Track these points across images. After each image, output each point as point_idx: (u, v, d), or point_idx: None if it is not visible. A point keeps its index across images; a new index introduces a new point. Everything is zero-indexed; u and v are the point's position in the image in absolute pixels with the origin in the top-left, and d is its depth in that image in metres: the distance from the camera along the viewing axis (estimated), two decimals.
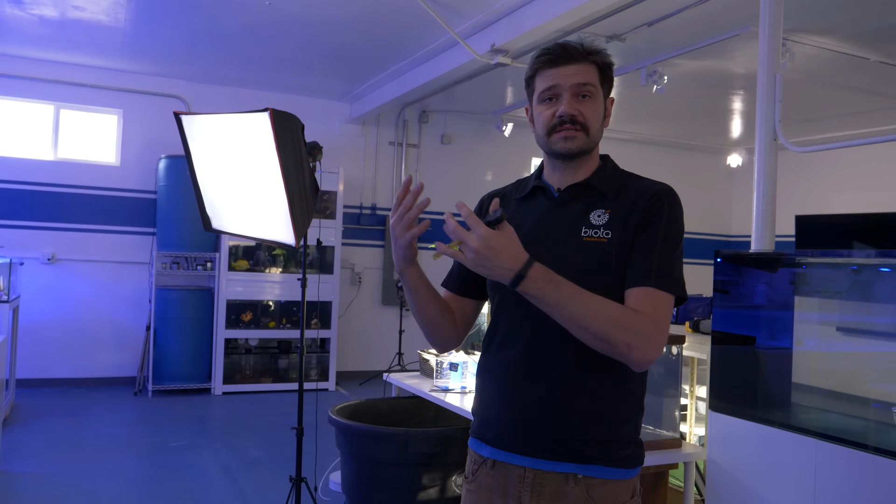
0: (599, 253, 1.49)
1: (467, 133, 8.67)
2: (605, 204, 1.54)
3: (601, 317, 1.37)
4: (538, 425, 1.49)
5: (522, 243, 1.45)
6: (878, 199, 8.25)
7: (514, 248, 1.34)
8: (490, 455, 1.57)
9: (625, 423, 1.53)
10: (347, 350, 7.99)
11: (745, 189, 10.09)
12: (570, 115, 1.51)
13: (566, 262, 1.48)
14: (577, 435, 1.48)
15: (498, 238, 1.32)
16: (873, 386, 4.17)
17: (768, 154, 3.27)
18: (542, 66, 1.55)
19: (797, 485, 2.61)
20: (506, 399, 1.54)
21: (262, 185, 3.21)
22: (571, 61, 1.53)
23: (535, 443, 1.50)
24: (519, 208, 1.64)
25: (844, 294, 3.65)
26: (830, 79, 6.20)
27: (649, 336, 1.40)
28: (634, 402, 1.55)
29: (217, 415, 6.47)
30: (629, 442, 1.53)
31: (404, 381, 4.09)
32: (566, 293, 1.36)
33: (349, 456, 3.58)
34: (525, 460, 1.51)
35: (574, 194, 1.58)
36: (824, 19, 4.87)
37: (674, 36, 5.30)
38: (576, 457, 1.48)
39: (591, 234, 1.51)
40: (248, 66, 6.78)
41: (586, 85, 1.52)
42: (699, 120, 8.41)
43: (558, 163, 1.59)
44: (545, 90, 1.55)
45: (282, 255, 7.44)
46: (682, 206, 1.55)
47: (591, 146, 1.56)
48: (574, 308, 1.36)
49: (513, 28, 4.96)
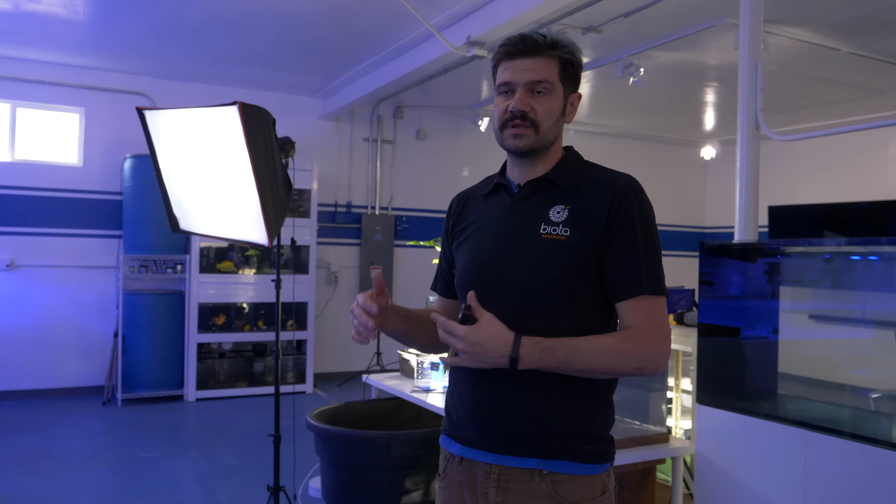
0: (558, 250, 1.48)
1: (443, 128, 8.57)
2: (565, 199, 1.52)
3: (603, 360, 1.42)
4: (502, 422, 1.50)
5: (484, 242, 1.57)
6: (845, 188, 8.33)
7: (497, 336, 1.38)
8: (458, 452, 1.58)
9: (592, 419, 1.52)
10: (324, 351, 7.86)
11: (719, 181, 10.14)
12: (520, 111, 1.50)
13: (523, 260, 1.50)
14: (541, 430, 1.49)
15: (476, 332, 1.37)
16: (855, 373, 4.17)
17: (750, 143, 3.23)
18: (502, 57, 1.54)
19: (787, 476, 2.56)
20: (471, 397, 1.55)
21: (232, 183, 3.09)
22: (530, 55, 1.51)
23: (499, 439, 1.50)
24: (484, 205, 1.64)
25: (828, 283, 3.62)
26: (802, 70, 6.21)
27: (653, 352, 1.44)
28: (601, 397, 1.54)
29: (190, 422, 6.31)
30: (597, 437, 1.52)
31: (384, 382, 3.99)
32: (563, 355, 1.40)
33: (329, 461, 3.47)
34: (491, 457, 1.52)
35: (533, 189, 1.56)
36: (797, 10, 4.85)
37: (650, 28, 5.25)
38: (540, 452, 1.48)
39: (550, 230, 1.50)
40: (216, 61, 6.61)
41: (541, 82, 1.50)
42: (673, 112, 8.40)
43: (516, 159, 1.58)
44: (501, 84, 1.54)
45: (255, 255, 7.29)
46: (648, 196, 1.53)
47: (543, 143, 1.54)
48: (576, 364, 1.41)
49: (488, 20, 4.88)
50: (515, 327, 1.42)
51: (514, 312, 1.46)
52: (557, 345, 1.39)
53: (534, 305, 1.48)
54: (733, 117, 8.21)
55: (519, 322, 1.43)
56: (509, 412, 1.49)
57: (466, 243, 1.63)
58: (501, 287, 1.51)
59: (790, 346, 3.05)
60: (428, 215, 8.42)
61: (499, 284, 1.51)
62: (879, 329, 4.43)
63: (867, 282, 4.00)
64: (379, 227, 8.15)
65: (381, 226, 8.16)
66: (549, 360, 1.39)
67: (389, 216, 8.25)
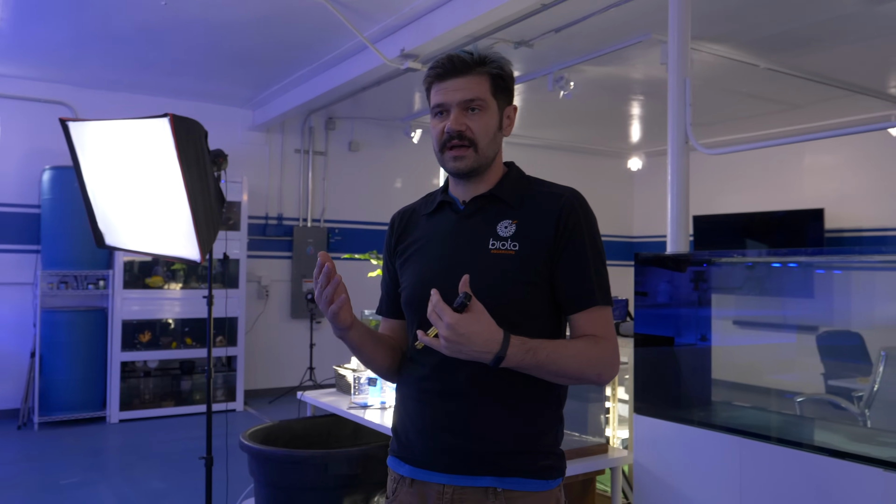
0: (507, 265, 1.48)
1: (375, 140, 8.52)
2: (511, 214, 1.53)
3: (575, 365, 1.42)
4: (454, 441, 1.48)
5: (431, 259, 1.55)
6: (763, 198, 8.69)
7: (485, 331, 1.33)
8: (409, 474, 1.54)
9: (544, 434, 1.52)
10: (255, 367, 7.68)
11: (645, 191, 10.42)
12: (456, 132, 1.50)
13: (475, 276, 1.46)
14: (494, 448, 1.47)
15: (465, 323, 1.31)
16: (781, 377, 4.32)
17: (680, 156, 3.31)
18: (433, 80, 1.54)
19: (723, 483, 2.62)
20: (421, 416, 1.52)
21: (162, 197, 2.99)
22: (459, 74, 1.51)
23: (451, 459, 1.48)
24: (428, 223, 1.63)
25: (757, 290, 3.75)
26: (723, 84, 6.43)
27: (612, 359, 1.47)
28: (553, 412, 1.55)
29: (114, 445, 6.05)
30: (549, 453, 1.52)
31: (320, 399, 3.91)
32: (544, 356, 1.38)
33: (264, 483, 3.37)
34: (443, 477, 1.49)
35: (479, 206, 1.56)
36: (719, 28, 5.03)
37: (580, 42, 5.35)
38: (494, 470, 1.47)
39: (499, 245, 1.50)
40: (142, 69, 6.41)
41: (474, 100, 1.50)
42: (601, 125, 8.59)
43: (458, 179, 1.58)
44: (435, 106, 1.53)
45: (182, 269, 7.07)
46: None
47: (483, 161, 1.54)
48: (552, 367, 1.40)
49: (422, 33, 4.88)
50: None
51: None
52: (540, 346, 1.38)
53: None
54: (658, 130, 8.53)
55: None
56: (462, 431, 1.47)
57: (412, 261, 1.61)
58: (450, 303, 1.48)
59: (724, 354, 3.13)
60: (361, 227, 8.36)
61: (447, 301, 1.48)
62: (801, 334, 4.62)
63: (788, 288, 4.16)
64: (311, 239, 8.03)
65: (314, 238, 8.05)
66: (530, 361, 1.37)
67: (322, 228, 8.15)
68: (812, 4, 4.61)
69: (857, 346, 4.35)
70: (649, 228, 10.20)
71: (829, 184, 8.21)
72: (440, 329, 1.31)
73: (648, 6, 4.49)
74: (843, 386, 4.04)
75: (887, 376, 3.39)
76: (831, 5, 4.60)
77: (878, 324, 4.34)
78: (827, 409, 3.75)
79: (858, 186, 7.94)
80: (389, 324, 1.70)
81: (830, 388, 4.14)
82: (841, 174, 8.14)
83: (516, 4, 4.23)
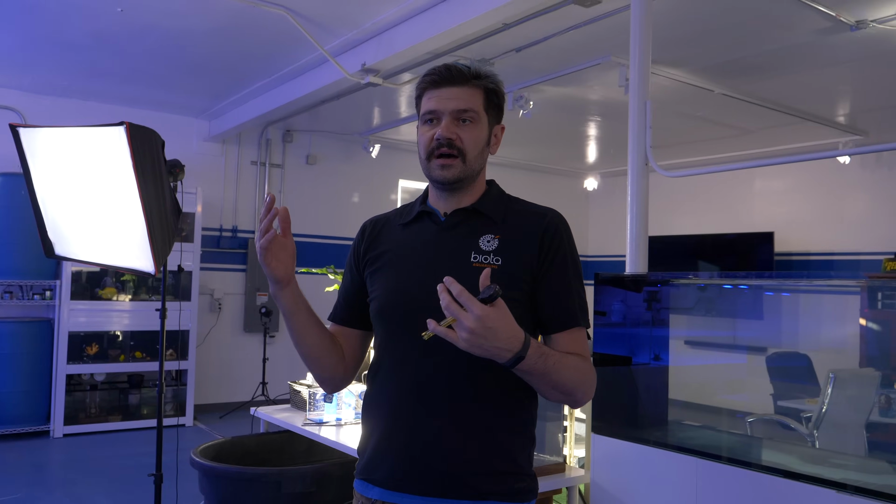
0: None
1: (333, 154, 8.47)
2: (494, 229, 1.52)
3: (574, 378, 1.40)
4: (431, 462, 1.43)
5: (408, 269, 1.51)
6: (715, 220, 8.88)
7: (510, 328, 1.26)
8: (379, 497, 1.49)
9: (519, 455, 1.50)
10: (206, 381, 7.52)
11: (601, 211, 10.56)
12: (446, 139, 1.48)
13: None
14: (471, 470, 1.44)
15: (494, 317, 1.24)
16: (731, 398, 4.39)
17: (640, 178, 3.35)
18: (426, 86, 1.53)
19: (679, 503, 2.64)
20: (395, 436, 1.47)
21: (115, 207, 2.91)
22: (455, 84, 1.50)
23: (427, 481, 1.43)
24: (404, 233, 1.59)
25: (712, 312, 3.81)
26: (678, 108, 6.57)
27: (593, 381, 1.47)
28: (528, 432, 1.53)
29: (57, 460, 5.85)
30: (524, 474, 1.50)
31: (274, 415, 3.84)
32: (552, 363, 1.35)
33: (215, 501, 3.29)
34: (417, 500, 1.44)
35: (461, 219, 1.55)
36: (676, 52, 5.14)
37: (540, 62, 5.41)
38: (471, 493, 1.43)
39: (482, 259, 1.47)
40: (95, 76, 6.27)
41: (467, 111, 1.50)
42: (559, 144, 8.68)
43: (441, 190, 1.56)
44: (427, 112, 1.52)
45: (132, 281, 6.91)
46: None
47: (470, 174, 1.53)
48: (556, 376, 1.36)
49: (383, 48, 4.88)
50: (443, 356, 1.40)
51: (442, 343, 1.40)
52: (550, 352, 1.36)
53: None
54: (615, 151, 8.67)
55: (448, 351, 1.39)
56: (436, 452, 1.43)
57: (385, 270, 1.56)
58: (429, 316, 1.41)
59: (678, 374, 3.17)
60: (317, 241, 8.28)
61: (426, 313, 1.42)
62: (751, 354, 4.71)
63: (739, 310, 4.24)
64: None
65: None
66: (540, 366, 1.33)
67: None
68: (766, 33, 4.75)
69: (805, 367, 4.45)
70: (605, 248, 10.33)
71: (778, 208, 8.43)
72: (466, 320, 1.22)
73: (608, 29, 4.57)
74: (792, 406, 4.13)
75: (835, 398, 3.46)
76: (784, 35, 4.74)
77: (824, 346, 4.45)
78: (776, 430, 3.82)
79: (807, 211, 8.18)
80: (338, 330, 1.65)
81: (780, 409, 4.23)
82: (790, 199, 8.37)
83: (478, 23, 4.26)
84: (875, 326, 3.52)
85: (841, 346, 4.08)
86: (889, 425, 3.59)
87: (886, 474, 2.56)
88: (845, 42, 4.76)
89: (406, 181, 8.93)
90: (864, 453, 3.33)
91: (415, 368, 1.47)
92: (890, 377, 3.69)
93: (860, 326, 3.66)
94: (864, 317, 3.57)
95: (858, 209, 7.80)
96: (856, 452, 3.33)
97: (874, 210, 7.67)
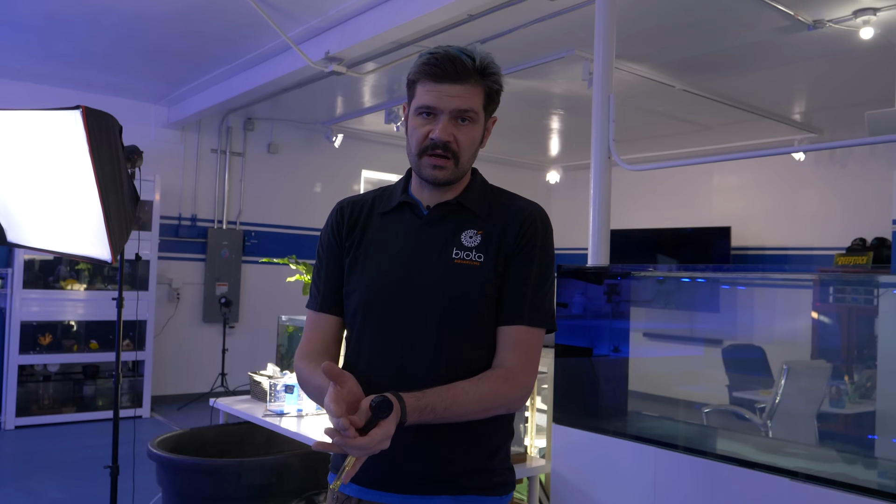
0: (471, 276, 1.44)
1: (295, 143, 8.38)
2: (477, 224, 1.49)
3: (479, 408, 1.38)
4: (409, 460, 1.41)
5: (389, 263, 1.46)
6: (674, 214, 9.02)
7: (386, 425, 1.24)
8: (356, 494, 1.47)
9: (498, 450, 1.50)
10: (164, 372, 7.40)
11: (563, 204, 10.63)
12: (443, 142, 1.42)
13: (436, 285, 1.43)
14: (450, 467, 1.43)
15: (387, 429, 1.24)
16: (689, 388, 4.47)
17: (603, 171, 3.38)
18: (425, 75, 1.43)
19: (638, 492, 2.68)
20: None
21: (71, 194, 2.85)
22: (459, 81, 1.41)
23: (404, 478, 1.41)
24: (383, 223, 1.54)
25: (672, 304, 3.87)
26: (639, 103, 6.64)
27: (523, 391, 1.45)
28: (506, 428, 1.52)
29: (8, 452, 5.71)
30: (502, 469, 1.50)
31: (234, 406, 3.80)
32: (441, 409, 1.33)
33: (173, 493, 3.25)
34: (395, 497, 1.43)
35: (444, 213, 1.50)
36: (638, 48, 5.19)
37: (504, 55, 5.38)
38: (449, 489, 1.43)
39: (463, 255, 1.45)
40: (50, 59, 6.09)
41: (467, 111, 1.43)
42: (522, 138, 8.72)
43: (426, 183, 1.50)
44: (424, 106, 1.43)
45: (86, 269, 6.76)
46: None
47: (460, 175, 1.50)
48: (453, 414, 1.35)
49: (347, 37, 4.83)
50: (424, 358, 1.39)
51: (422, 339, 1.43)
52: (433, 403, 1.32)
53: (445, 331, 1.43)
54: (577, 144, 8.73)
55: (426, 347, 1.41)
56: (416, 451, 1.41)
57: (364, 263, 1.51)
58: (409, 312, 1.44)
59: (637, 365, 3.22)
60: (278, 231, 8.20)
61: (406, 309, 1.44)
62: (708, 346, 4.80)
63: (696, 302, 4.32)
64: (226, 241, 7.82)
65: (229, 241, 7.84)
66: (429, 417, 1.32)
67: (237, 231, 7.95)
68: (726, 30, 4.82)
69: (760, 359, 4.55)
70: (566, 240, 10.38)
71: (735, 203, 8.59)
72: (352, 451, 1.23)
73: (572, 23, 4.59)
74: (747, 397, 4.21)
75: (788, 388, 3.55)
76: (744, 32, 4.82)
77: (778, 338, 4.55)
78: (731, 420, 3.90)
79: (763, 207, 8.34)
80: (328, 321, 1.55)
81: (734, 400, 4.31)
82: (747, 194, 8.53)
83: (443, 14, 4.25)
84: (826, 319, 3.61)
85: (794, 339, 4.17)
86: (839, 415, 3.70)
87: (836, 462, 2.63)
88: (802, 41, 4.86)
89: (369, 172, 8.88)
90: (815, 442, 3.43)
91: (391, 367, 1.44)
92: (840, 369, 3.80)
93: (812, 319, 3.74)
94: (815, 310, 3.65)
95: (812, 205, 7.99)
96: (807, 441, 3.42)
97: (827, 206, 7.86)
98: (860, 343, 3.68)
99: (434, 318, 1.43)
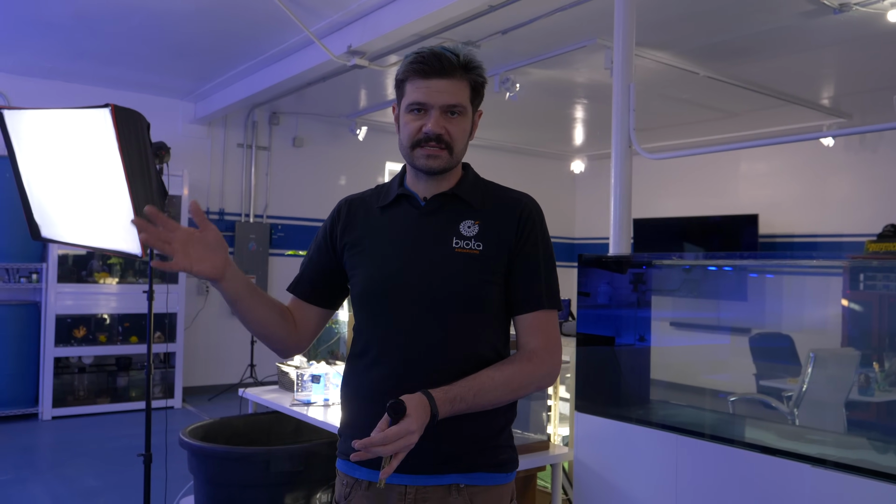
0: (471, 264, 1.50)
1: (320, 136, 8.45)
2: (474, 214, 1.54)
3: (509, 390, 1.46)
4: (419, 444, 1.42)
5: (390, 253, 1.53)
6: (700, 202, 8.94)
7: (419, 417, 1.33)
8: (365, 477, 1.52)
9: (503, 428, 1.55)
10: (195, 364, 7.53)
11: (587, 194, 10.60)
12: (436, 135, 1.48)
13: (437, 273, 1.49)
14: (457, 447, 1.48)
15: (407, 426, 1.31)
16: (715, 377, 4.46)
17: (624, 161, 3.38)
18: (413, 73, 1.50)
19: (660, 479, 2.69)
20: (379, 417, 1.45)
21: (102, 190, 2.91)
22: (444, 75, 1.48)
23: (414, 459, 1.43)
24: (383, 217, 1.60)
25: (694, 293, 3.86)
26: (664, 91, 6.59)
27: (551, 368, 1.52)
28: (510, 407, 1.57)
29: (46, 442, 5.87)
30: (507, 446, 1.56)
31: (262, 395, 3.87)
32: (471, 397, 1.41)
33: (204, 480, 3.32)
34: (404, 478, 1.47)
35: (441, 203, 1.56)
36: (661, 35, 5.15)
37: (526, 45, 5.41)
38: (458, 466, 1.48)
39: (463, 244, 1.51)
40: (79, 58, 6.21)
41: (456, 105, 1.50)
42: (545, 127, 8.69)
43: (422, 174, 1.56)
44: (414, 103, 1.50)
45: (118, 264, 6.89)
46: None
47: (454, 164, 1.55)
48: (484, 402, 1.43)
49: (369, 30, 4.86)
50: (430, 342, 1.44)
51: (428, 326, 1.47)
52: (462, 393, 1.40)
53: (450, 318, 1.48)
54: (601, 133, 8.69)
55: (433, 334, 1.45)
56: (427, 435, 1.42)
57: (366, 255, 1.57)
58: (414, 300, 1.49)
59: (661, 354, 3.22)
60: (304, 224, 8.28)
61: (411, 297, 1.49)
62: (735, 335, 4.77)
63: (723, 291, 4.29)
64: (253, 235, 7.92)
65: (256, 234, 7.94)
66: (460, 408, 1.40)
67: (264, 224, 8.04)
68: (750, 16, 4.77)
69: (788, 347, 4.51)
70: (591, 230, 10.38)
71: (763, 190, 8.49)
72: (393, 448, 1.31)
73: (594, 12, 4.57)
74: (774, 386, 4.18)
75: (815, 377, 3.52)
76: (768, 18, 4.76)
77: (807, 326, 4.51)
78: (758, 409, 3.88)
79: (791, 194, 8.24)
80: (297, 304, 1.65)
81: (762, 388, 4.28)
82: (775, 181, 8.43)
83: (464, 5, 4.26)
84: (856, 307, 3.57)
85: (823, 327, 4.14)
86: (868, 403, 3.66)
87: (864, 450, 2.62)
88: (829, 25, 4.79)
89: (393, 163, 8.93)
90: (843, 430, 3.40)
91: (398, 352, 1.50)
92: (870, 357, 3.76)
93: (842, 307, 3.71)
94: (846, 297, 3.62)
95: (842, 191, 7.88)
96: (835, 430, 3.40)
97: (857, 192, 7.75)
98: (892, 330, 3.64)
99: (438, 305, 1.48)
